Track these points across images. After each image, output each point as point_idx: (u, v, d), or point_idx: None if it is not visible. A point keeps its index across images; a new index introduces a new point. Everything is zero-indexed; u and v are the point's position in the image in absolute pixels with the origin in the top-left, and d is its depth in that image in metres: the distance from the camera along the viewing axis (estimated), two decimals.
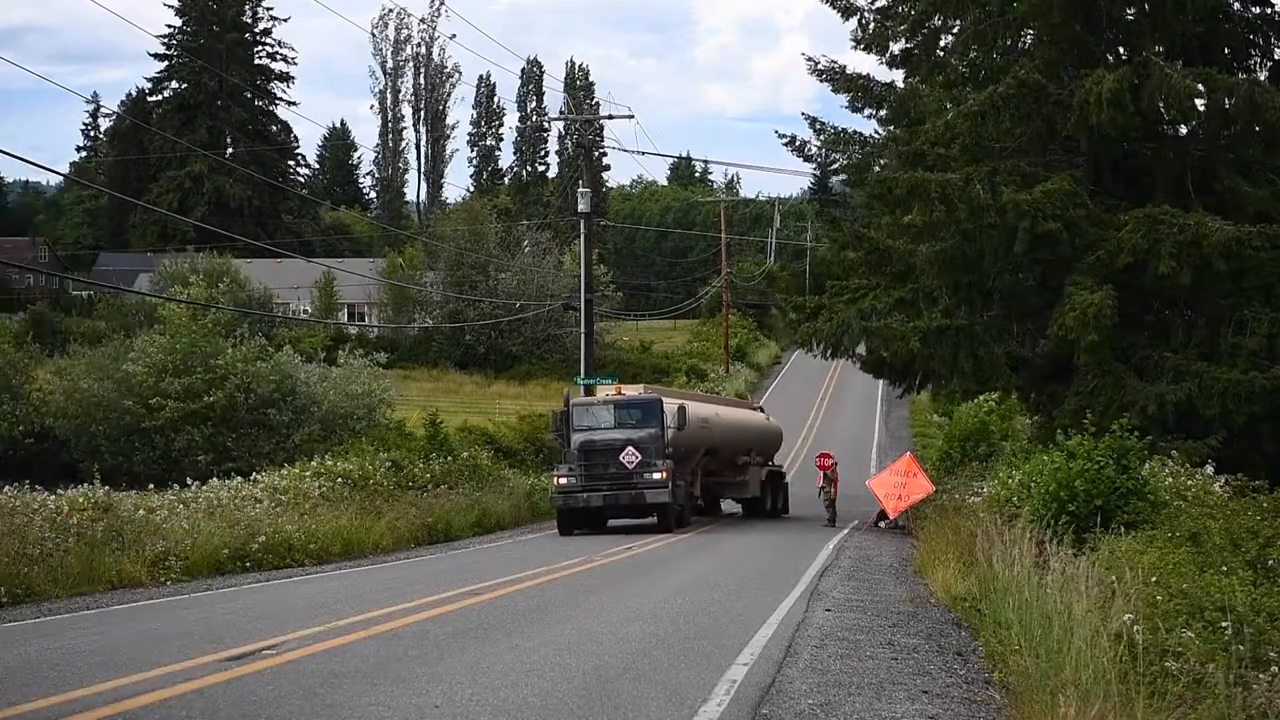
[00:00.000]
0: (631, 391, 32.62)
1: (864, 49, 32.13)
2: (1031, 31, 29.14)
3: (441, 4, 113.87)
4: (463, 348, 75.43)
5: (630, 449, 29.65)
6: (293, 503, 24.91)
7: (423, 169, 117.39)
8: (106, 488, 22.31)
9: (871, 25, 31.81)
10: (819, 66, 32.75)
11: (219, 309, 46.67)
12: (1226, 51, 28.87)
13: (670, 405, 30.81)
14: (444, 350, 75.60)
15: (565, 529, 29.86)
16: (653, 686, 9.42)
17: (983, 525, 15.94)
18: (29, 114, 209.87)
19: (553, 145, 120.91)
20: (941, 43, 31.61)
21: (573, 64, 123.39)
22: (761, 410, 42.85)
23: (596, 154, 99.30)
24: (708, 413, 34.57)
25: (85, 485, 23.07)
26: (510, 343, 74.73)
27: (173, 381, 40.38)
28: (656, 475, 29.46)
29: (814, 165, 36.00)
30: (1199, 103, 26.93)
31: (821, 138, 34.04)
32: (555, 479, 30.44)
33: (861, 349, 34.13)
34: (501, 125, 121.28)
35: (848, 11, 31.88)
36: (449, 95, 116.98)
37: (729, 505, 38.19)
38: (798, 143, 34.11)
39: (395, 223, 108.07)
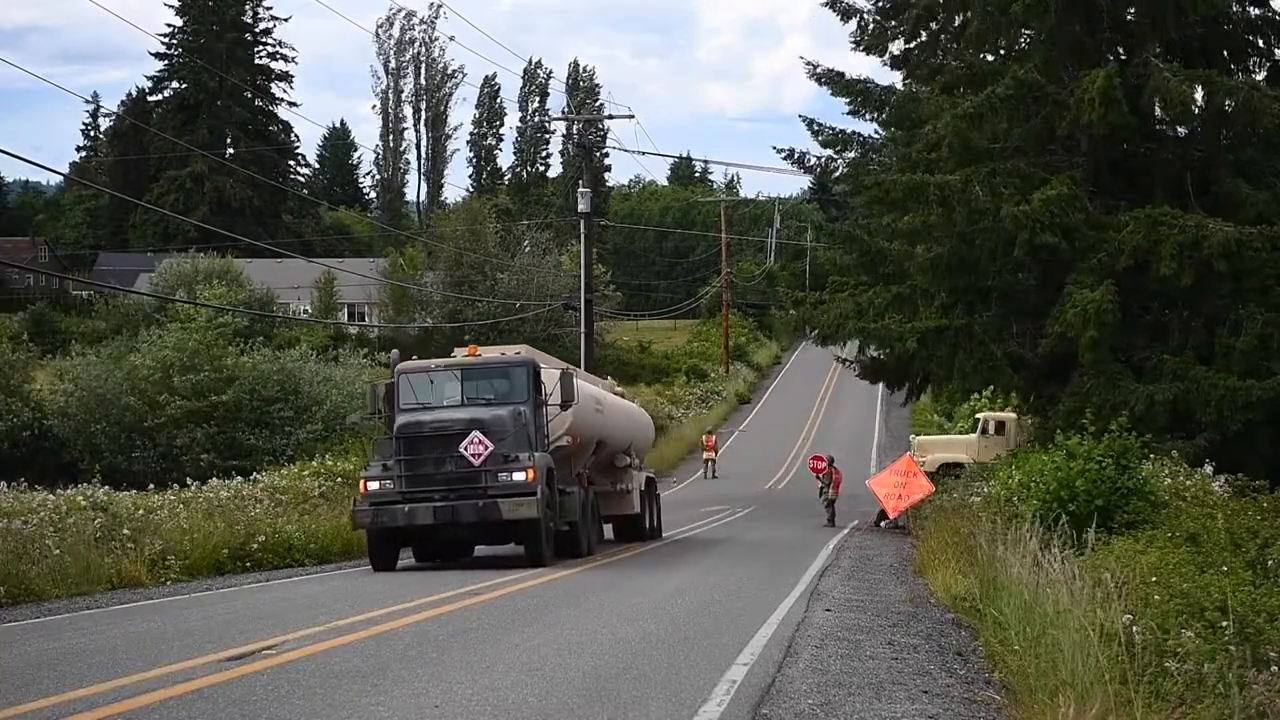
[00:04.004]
0: (494, 353, 23.25)
1: (864, 51, 32.28)
2: (1029, 32, 29.21)
3: (441, 5, 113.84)
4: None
5: (476, 435, 19.76)
6: (293, 503, 24.93)
7: (423, 169, 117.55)
8: (106, 487, 22.34)
9: (871, 26, 31.92)
10: (818, 71, 32.84)
11: (226, 311, 46.74)
12: (1226, 53, 28.96)
13: (550, 373, 21.94)
14: (444, 350, 75.47)
15: (381, 559, 20.29)
16: (653, 686, 9.42)
17: (982, 525, 15.96)
18: (29, 114, 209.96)
19: (555, 145, 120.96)
20: (941, 43, 31.72)
21: (576, 65, 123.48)
22: (625, 394, 32.64)
23: (598, 154, 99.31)
24: (597, 392, 25.78)
25: (85, 484, 23.10)
26: (510, 343, 74.66)
27: (183, 379, 40.57)
28: (519, 475, 19.74)
29: (813, 175, 35.88)
30: (1198, 104, 27.01)
31: (819, 138, 34.15)
32: (362, 482, 20.74)
33: (853, 349, 34.22)
34: (502, 125, 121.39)
35: (848, 14, 31.99)
36: (450, 95, 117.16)
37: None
38: (796, 155, 34.29)
39: (395, 223, 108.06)
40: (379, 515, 19.99)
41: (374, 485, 20.30)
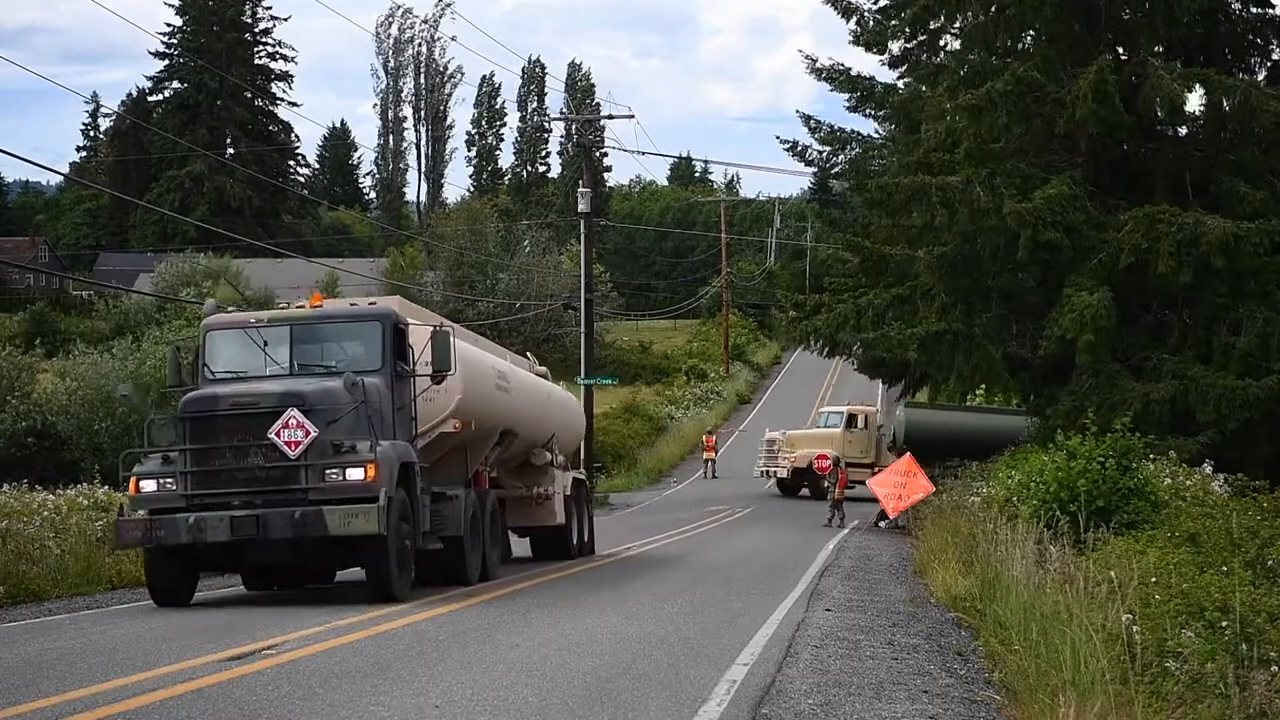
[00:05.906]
0: (342, 305, 17.82)
1: (863, 47, 32.20)
2: (1031, 33, 29.21)
3: (447, 5, 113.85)
4: None
5: (293, 415, 14.42)
6: None
7: (423, 169, 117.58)
8: (106, 487, 22.33)
9: (871, 23, 31.86)
10: (817, 65, 32.80)
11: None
12: (1226, 52, 28.93)
13: (420, 330, 16.47)
14: None
15: (164, 590, 15.21)
16: (653, 686, 9.42)
17: (982, 525, 15.97)
18: (29, 114, 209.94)
19: (554, 145, 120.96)
20: (941, 43, 31.70)
21: (574, 65, 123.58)
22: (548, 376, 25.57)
23: (597, 154, 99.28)
24: (503, 366, 20.40)
25: (85, 484, 23.10)
26: (510, 342, 74.63)
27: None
28: (354, 473, 14.41)
29: (815, 169, 35.82)
30: (1198, 103, 27.02)
31: (817, 136, 34.12)
32: (133, 481, 15.07)
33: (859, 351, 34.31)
34: (503, 125, 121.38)
35: (848, 11, 31.92)
36: (450, 95, 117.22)
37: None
38: (799, 147, 34.19)
39: (395, 223, 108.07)
40: (154, 529, 14.55)
41: (149, 485, 14.84)
